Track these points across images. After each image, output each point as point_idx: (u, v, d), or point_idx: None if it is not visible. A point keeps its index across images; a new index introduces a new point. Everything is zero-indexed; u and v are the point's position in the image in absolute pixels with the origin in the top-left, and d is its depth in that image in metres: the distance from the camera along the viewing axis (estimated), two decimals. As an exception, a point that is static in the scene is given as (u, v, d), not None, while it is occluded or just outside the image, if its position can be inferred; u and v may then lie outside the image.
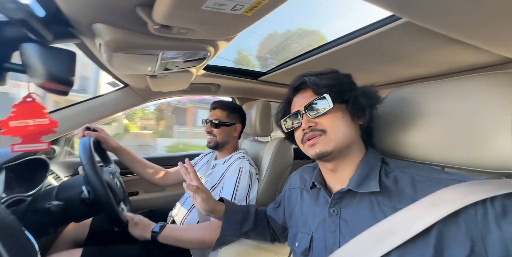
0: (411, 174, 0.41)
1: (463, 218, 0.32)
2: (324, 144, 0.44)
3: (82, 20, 0.42)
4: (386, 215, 0.39)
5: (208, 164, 1.10)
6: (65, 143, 1.07)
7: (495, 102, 0.37)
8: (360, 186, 0.42)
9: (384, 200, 0.40)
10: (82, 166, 0.63)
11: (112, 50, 0.45)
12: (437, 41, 0.58)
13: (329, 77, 0.47)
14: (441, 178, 0.38)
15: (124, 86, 1.08)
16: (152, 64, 0.58)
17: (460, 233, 0.32)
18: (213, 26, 0.42)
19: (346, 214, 0.44)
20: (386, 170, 0.44)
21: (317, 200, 0.51)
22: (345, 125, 0.45)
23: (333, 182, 0.50)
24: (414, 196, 0.38)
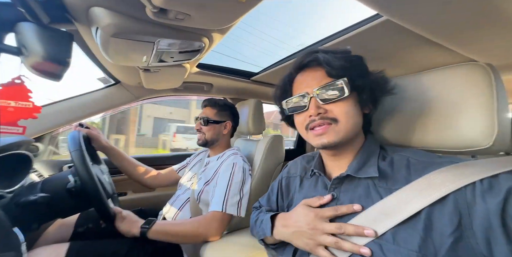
0: (406, 156, 0.42)
1: (452, 197, 0.33)
2: (334, 135, 0.42)
3: (80, 3, 0.43)
4: (382, 196, 0.39)
5: (201, 162, 1.09)
6: (49, 142, 1.03)
7: (463, 89, 0.42)
8: (359, 172, 0.43)
9: (380, 182, 0.41)
10: (69, 153, 0.61)
11: (109, 34, 0.46)
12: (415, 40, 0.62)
13: (344, 58, 0.43)
14: (435, 161, 0.39)
15: (115, 83, 1.07)
16: (148, 53, 0.59)
17: (448, 209, 0.33)
18: (210, 12, 0.44)
19: (344, 198, 0.44)
20: (384, 155, 0.45)
21: (315, 186, 0.51)
22: (356, 114, 0.43)
23: (333, 168, 0.50)
24: (408, 177, 0.39)
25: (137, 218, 0.73)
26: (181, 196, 0.98)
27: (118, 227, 0.69)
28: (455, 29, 0.45)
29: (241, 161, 0.91)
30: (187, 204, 0.94)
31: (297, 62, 0.47)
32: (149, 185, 1.06)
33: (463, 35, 0.47)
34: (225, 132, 1.03)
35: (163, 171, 1.13)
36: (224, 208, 0.77)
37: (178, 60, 0.73)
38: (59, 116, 0.96)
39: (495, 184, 0.31)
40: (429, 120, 0.46)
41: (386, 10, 0.43)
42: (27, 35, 0.39)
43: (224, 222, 0.78)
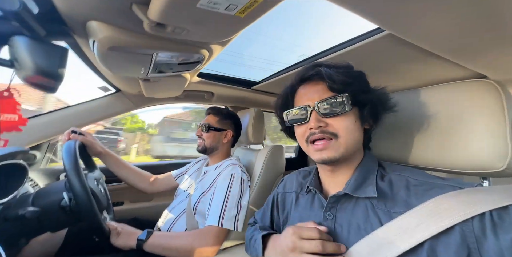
0: (406, 177, 0.40)
1: (458, 228, 0.31)
2: (334, 151, 0.41)
3: (77, 17, 0.42)
4: (380, 219, 0.38)
5: (199, 171, 1.08)
6: (47, 149, 1.02)
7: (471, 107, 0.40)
8: (357, 191, 0.41)
9: (379, 204, 0.40)
10: (64, 170, 0.60)
11: (106, 48, 0.46)
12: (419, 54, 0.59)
13: (346, 73, 0.43)
14: (436, 183, 0.37)
15: (115, 91, 1.07)
16: (146, 65, 0.58)
17: (454, 242, 0.31)
18: (208, 27, 0.43)
19: (341, 218, 0.43)
20: (382, 173, 0.44)
21: (312, 204, 0.50)
22: (357, 130, 0.43)
23: (330, 184, 0.48)
24: (408, 199, 0.37)
25: (133, 230, 0.72)
26: (177, 206, 0.96)
27: (114, 242, 0.67)
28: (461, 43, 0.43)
29: (239, 172, 0.89)
30: (183, 215, 0.91)
31: (299, 74, 0.47)
32: (146, 190, 1.04)
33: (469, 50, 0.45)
34: (225, 141, 1.02)
35: (160, 176, 1.11)
36: (221, 223, 0.74)
37: (178, 71, 0.72)
38: (57, 124, 0.95)
39: (506, 217, 0.29)
40: (434, 138, 0.43)
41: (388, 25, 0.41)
42: (19, 49, 0.38)
43: (220, 237, 0.75)
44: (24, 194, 0.67)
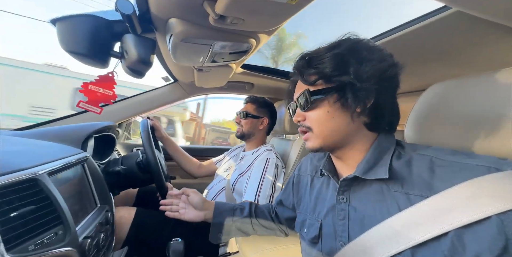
0: (429, 156, 0.36)
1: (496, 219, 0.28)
2: (313, 141, 0.43)
3: (163, 16, 0.55)
4: (398, 202, 0.36)
5: (237, 156, 1.19)
6: (125, 128, 1.29)
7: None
8: (368, 173, 0.40)
9: (395, 185, 0.37)
10: (141, 136, 0.78)
11: (179, 40, 0.58)
12: (494, 33, 0.50)
13: (321, 58, 0.40)
14: (466, 162, 0.33)
15: (172, 82, 1.27)
16: (204, 54, 0.70)
17: (490, 231, 0.28)
18: (261, 16, 0.51)
19: (355, 201, 0.42)
20: (400, 153, 0.40)
21: (327, 187, 0.50)
22: (330, 119, 0.41)
23: (341, 168, 0.48)
24: (431, 182, 0.34)
25: None
26: (217, 184, 1.10)
27: None
28: None
29: (274, 157, 0.96)
30: (222, 192, 1.04)
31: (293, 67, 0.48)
32: (192, 174, 1.22)
33: None
34: (261, 128, 1.10)
35: (204, 163, 1.28)
36: (257, 200, 0.83)
37: (227, 61, 0.83)
38: (131, 108, 1.20)
39: None
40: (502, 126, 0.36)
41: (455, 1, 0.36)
42: (128, 44, 0.53)
43: None
44: (115, 158, 0.89)
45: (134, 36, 0.53)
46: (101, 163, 0.88)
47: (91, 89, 0.59)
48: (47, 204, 0.37)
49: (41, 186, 0.37)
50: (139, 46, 0.53)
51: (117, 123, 1.16)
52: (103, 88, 0.61)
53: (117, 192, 0.84)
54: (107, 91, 0.62)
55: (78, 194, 0.50)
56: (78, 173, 0.53)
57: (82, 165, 0.55)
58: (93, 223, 0.48)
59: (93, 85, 0.59)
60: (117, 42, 0.55)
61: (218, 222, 0.65)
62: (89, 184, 0.56)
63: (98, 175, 0.61)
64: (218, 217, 0.65)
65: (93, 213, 0.52)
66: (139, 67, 0.56)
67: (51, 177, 0.40)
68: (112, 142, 0.98)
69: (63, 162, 0.46)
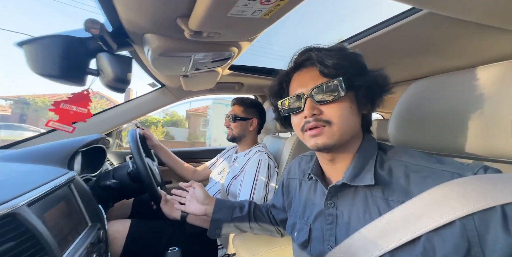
0: (404, 162, 0.39)
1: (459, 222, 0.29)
2: (328, 137, 0.40)
3: (137, 31, 0.53)
4: (379, 208, 0.38)
5: (229, 158, 1.20)
6: (116, 136, 1.28)
7: None
8: (355, 179, 0.41)
9: (377, 192, 0.39)
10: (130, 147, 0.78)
11: (157, 54, 0.57)
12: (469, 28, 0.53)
13: (339, 55, 0.40)
14: (435, 168, 0.35)
15: (161, 87, 1.25)
16: (186, 65, 0.68)
17: (453, 234, 0.29)
18: (237, 29, 0.49)
19: (343, 206, 0.43)
20: (382, 158, 0.42)
21: (315, 191, 0.50)
22: (352, 116, 0.41)
23: (331, 172, 0.48)
24: (407, 187, 0.36)
25: None
26: (212, 188, 1.11)
27: (161, 207, 0.79)
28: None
29: (266, 158, 0.96)
30: (217, 195, 1.06)
31: (292, 61, 0.46)
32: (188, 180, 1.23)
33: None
34: (251, 129, 1.10)
35: (199, 168, 1.29)
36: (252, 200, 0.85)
37: (211, 67, 0.81)
38: (121, 116, 1.19)
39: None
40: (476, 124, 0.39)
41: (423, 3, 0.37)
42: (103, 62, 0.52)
43: None
44: (106, 170, 0.89)
45: (108, 55, 0.52)
46: (93, 176, 0.88)
47: (63, 107, 0.57)
48: (29, 237, 0.36)
49: (20, 220, 0.35)
50: (115, 64, 0.52)
51: (106, 132, 1.15)
52: (76, 106, 0.59)
53: (111, 205, 0.85)
54: (81, 109, 0.60)
55: (66, 217, 0.50)
56: (65, 195, 0.53)
57: (69, 186, 0.55)
58: (84, 244, 0.49)
59: (65, 103, 0.57)
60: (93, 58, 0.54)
61: (217, 218, 0.65)
62: (78, 204, 0.56)
63: (86, 193, 0.61)
64: (218, 213, 0.65)
65: (84, 233, 0.53)
66: (117, 85, 0.55)
67: (33, 206, 0.39)
68: (102, 153, 0.98)
69: (47, 188, 0.46)
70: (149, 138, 1.10)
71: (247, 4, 0.37)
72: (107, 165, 1.07)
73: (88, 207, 0.59)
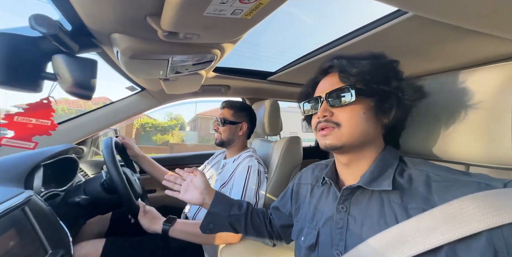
0: (426, 172, 0.38)
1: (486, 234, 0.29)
2: (336, 138, 0.42)
3: (102, 31, 0.47)
4: (396, 214, 0.37)
5: (218, 164, 1.14)
6: (91, 144, 1.18)
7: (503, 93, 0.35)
8: (372, 184, 0.41)
9: (395, 198, 0.38)
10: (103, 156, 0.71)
11: (127, 56, 0.50)
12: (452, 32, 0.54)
13: (364, 64, 0.42)
14: (459, 178, 0.35)
15: (141, 90, 1.16)
16: (164, 68, 0.62)
17: (479, 244, 0.29)
18: (216, 30, 0.45)
19: (355, 211, 0.42)
20: (403, 168, 0.42)
21: (327, 196, 0.50)
22: (365, 121, 0.42)
23: (346, 176, 0.48)
24: (427, 196, 0.36)
25: (159, 216, 0.78)
26: None
27: (139, 220, 0.72)
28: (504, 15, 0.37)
29: (256, 163, 0.92)
30: None
31: (319, 67, 0.49)
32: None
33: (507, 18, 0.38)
34: (241, 133, 1.05)
35: None
36: None
37: (193, 70, 0.76)
38: (96, 123, 1.09)
39: None
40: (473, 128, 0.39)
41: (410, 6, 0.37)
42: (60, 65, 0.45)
43: None
44: (78, 183, 0.80)
45: (65, 57, 0.45)
46: (61, 190, 0.79)
47: (18, 121, 0.49)
48: None
49: None
50: (75, 68, 0.45)
51: (79, 141, 1.05)
52: (36, 118, 0.51)
53: (83, 223, 0.76)
54: (43, 121, 0.52)
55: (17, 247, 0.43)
56: (16, 221, 0.45)
57: (22, 209, 0.47)
58: None
59: (20, 116, 0.49)
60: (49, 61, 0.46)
61: (214, 212, 0.62)
62: (34, 229, 0.48)
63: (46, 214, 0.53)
64: (216, 206, 0.62)
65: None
66: (79, 91, 0.48)
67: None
68: (73, 165, 0.88)
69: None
70: (130, 147, 1.01)
71: (225, 2, 0.32)
72: (80, 177, 0.97)
73: (48, 230, 0.51)
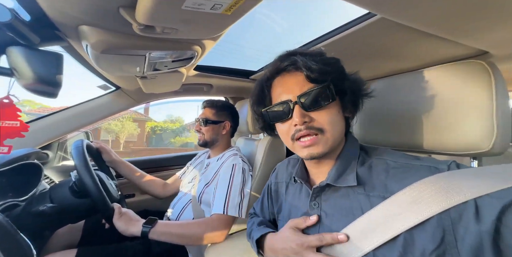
0: (385, 160, 0.40)
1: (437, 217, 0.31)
2: (322, 146, 0.40)
3: (68, 22, 0.43)
4: (361, 204, 0.39)
5: (201, 164, 1.11)
6: (58, 148, 1.07)
7: (461, 89, 0.40)
8: (338, 180, 0.41)
9: (359, 189, 0.40)
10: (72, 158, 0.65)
11: (98, 51, 0.46)
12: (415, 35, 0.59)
13: (323, 60, 0.40)
14: (413, 164, 0.38)
15: (115, 89, 1.09)
16: (140, 64, 0.59)
17: (431, 225, 0.31)
18: (196, 25, 0.43)
19: (326, 206, 0.43)
20: (364, 158, 0.43)
21: (300, 193, 0.50)
22: (341, 121, 0.41)
23: (316, 174, 0.48)
24: (387, 183, 0.37)
25: (138, 217, 0.72)
26: (182, 198, 1.01)
27: (114, 223, 0.67)
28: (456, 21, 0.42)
29: (240, 162, 0.92)
30: (189, 205, 0.97)
31: (274, 65, 0.43)
32: (159, 195, 1.09)
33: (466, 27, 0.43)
34: (224, 133, 1.04)
35: (169, 181, 1.16)
36: (226, 211, 0.79)
37: (172, 68, 0.73)
38: (64, 124, 0.99)
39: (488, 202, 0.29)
40: (425, 121, 0.44)
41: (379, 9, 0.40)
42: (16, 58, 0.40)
43: (228, 224, 0.80)
44: (43, 191, 0.72)
45: (24, 49, 0.40)
46: (22, 200, 0.70)
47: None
48: None
49: None
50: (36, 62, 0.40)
51: (43, 145, 0.95)
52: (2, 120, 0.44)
53: (49, 234, 0.69)
54: (10, 122, 0.46)
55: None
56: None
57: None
58: None
59: None
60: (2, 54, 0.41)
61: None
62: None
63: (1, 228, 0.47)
64: None
65: None
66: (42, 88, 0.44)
67: None
68: (37, 171, 0.79)
69: None
70: (106, 152, 0.94)
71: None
72: (45, 185, 0.88)
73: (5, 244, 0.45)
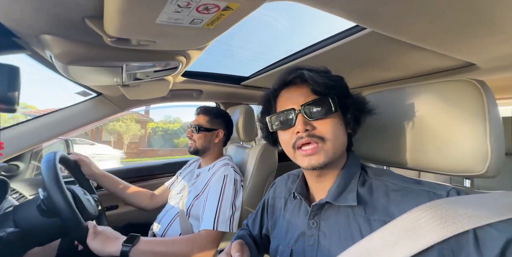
0: (385, 181, 0.40)
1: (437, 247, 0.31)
2: (323, 155, 0.40)
3: (28, 31, 0.37)
4: (360, 227, 0.38)
5: (191, 173, 1.06)
6: (31, 158, 0.99)
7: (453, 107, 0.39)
8: (338, 199, 0.41)
9: (359, 210, 0.39)
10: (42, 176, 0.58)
11: (64, 62, 0.41)
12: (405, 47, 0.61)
13: (327, 76, 0.42)
14: (412, 188, 0.38)
15: (97, 95, 1.02)
16: (118, 75, 0.54)
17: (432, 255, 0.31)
18: (177, 39, 0.39)
19: (325, 226, 0.43)
20: (364, 178, 0.43)
21: (299, 210, 0.49)
22: (342, 134, 0.43)
23: (317, 190, 0.48)
24: (388, 206, 0.37)
25: (117, 235, 0.67)
26: (169, 211, 0.96)
27: (88, 244, 0.61)
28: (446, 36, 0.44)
29: (232, 172, 0.88)
30: (176, 219, 0.92)
31: (281, 78, 0.45)
32: (146, 208, 1.03)
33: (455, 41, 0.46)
34: (217, 141, 0.99)
35: (157, 192, 1.10)
36: (216, 226, 0.74)
37: (156, 77, 0.68)
38: (38, 133, 0.91)
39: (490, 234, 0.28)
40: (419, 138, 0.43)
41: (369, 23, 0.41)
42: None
43: (216, 241, 0.75)
44: (6, 211, 0.65)
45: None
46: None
47: None
48: None
49: None
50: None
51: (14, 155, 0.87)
52: None
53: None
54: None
55: None
56: None
57: None
58: None
59: None
60: None
61: None
62: None
63: None
64: None
65: None
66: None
67: None
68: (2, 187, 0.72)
69: None
70: (86, 165, 0.87)
71: (180, 11, 0.27)
72: (12, 201, 0.80)
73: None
